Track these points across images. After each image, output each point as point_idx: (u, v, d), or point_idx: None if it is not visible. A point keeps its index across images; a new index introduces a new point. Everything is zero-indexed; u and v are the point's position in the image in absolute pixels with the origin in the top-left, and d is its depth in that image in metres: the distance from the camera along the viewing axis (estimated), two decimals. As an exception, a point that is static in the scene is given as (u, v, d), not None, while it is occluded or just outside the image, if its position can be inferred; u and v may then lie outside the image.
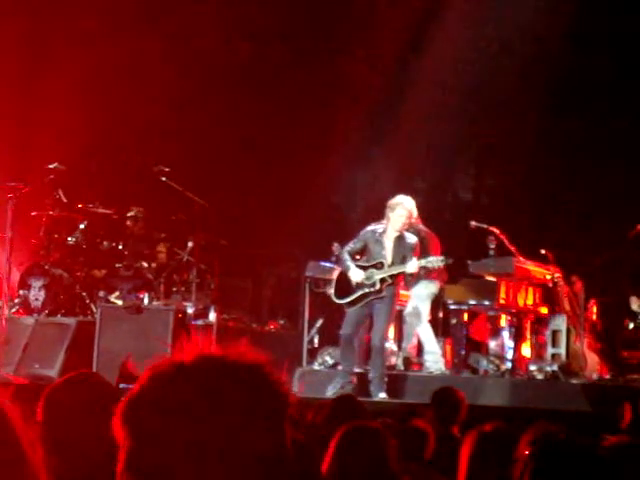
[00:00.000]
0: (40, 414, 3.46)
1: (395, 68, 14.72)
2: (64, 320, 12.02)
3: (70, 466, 3.36)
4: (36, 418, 3.46)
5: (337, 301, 11.20)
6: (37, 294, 12.35)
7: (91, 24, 14.49)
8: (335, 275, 11.34)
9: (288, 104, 14.66)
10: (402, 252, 10.82)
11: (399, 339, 11.92)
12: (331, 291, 11.31)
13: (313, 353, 12.26)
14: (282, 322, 13.45)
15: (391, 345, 11.82)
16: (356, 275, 10.87)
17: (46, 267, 12.53)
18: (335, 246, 12.27)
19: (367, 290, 10.85)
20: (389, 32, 14.56)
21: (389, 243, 10.90)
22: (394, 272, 10.80)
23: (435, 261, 10.81)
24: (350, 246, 11.10)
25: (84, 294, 12.50)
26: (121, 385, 9.39)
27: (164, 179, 12.67)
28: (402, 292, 11.43)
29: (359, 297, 10.87)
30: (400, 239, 10.87)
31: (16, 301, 12.29)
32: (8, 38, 14.62)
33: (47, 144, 13.80)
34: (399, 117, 14.46)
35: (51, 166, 12.51)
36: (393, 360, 11.75)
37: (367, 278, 10.84)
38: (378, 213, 11.68)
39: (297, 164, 14.34)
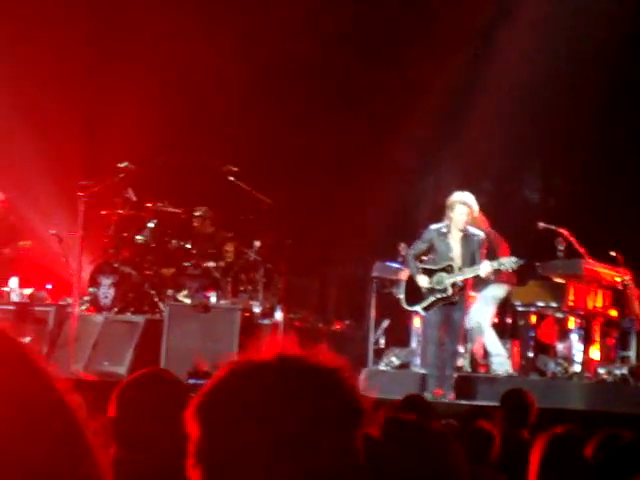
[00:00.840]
0: (112, 410, 3.51)
1: (462, 70, 14.64)
2: (133, 318, 12.15)
3: (141, 461, 3.40)
4: (107, 414, 3.51)
5: (409, 308, 11.09)
6: (106, 292, 12.49)
7: (166, 21, 14.60)
8: (403, 277, 11.28)
9: (354, 105, 14.67)
10: (470, 251, 10.64)
11: (464, 340, 11.86)
12: (401, 296, 11.16)
13: (379, 354, 12.24)
14: (348, 322, 13.45)
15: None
16: (424, 281, 10.72)
17: (115, 265, 12.66)
18: (402, 246, 12.24)
19: (439, 296, 10.65)
20: (457, 35, 14.50)
21: (455, 244, 10.71)
22: (466, 276, 10.67)
23: (508, 263, 10.62)
24: (415, 248, 10.96)
25: (152, 292, 12.61)
26: (190, 381, 9.47)
27: (232, 179, 12.75)
28: (469, 293, 11.36)
29: (432, 303, 10.74)
30: (466, 237, 10.69)
31: (86, 299, 12.44)
32: (80, 36, 14.81)
33: (117, 143, 13.95)
34: (465, 119, 14.39)
35: (121, 165, 12.63)
36: (459, 362, 11.69)
37: (437, 283, 10.65)
38: (442, 214, 11.64)
39: (363, 164, 14.33)
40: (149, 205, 13.15)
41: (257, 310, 12.31)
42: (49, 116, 14.16)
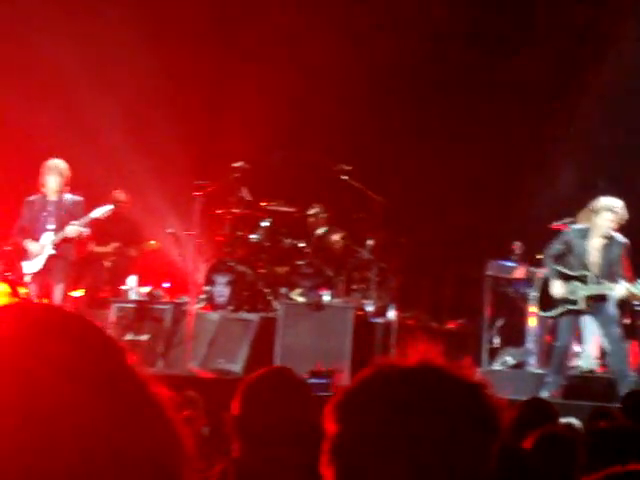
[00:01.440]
0: (236, 408, 3.55)
1: (575, 68, 14.42)
2: (247, 316, 12.26)
3: (264, 458, 3.44)
4: (231, 412, 3.55)
5: (542, 314, 10.90)
6: (222, 290, 12.64)
7: (285, 20, 14.71)
8: (518, 276, 11.15)
9: (467, 102, 14.56)
10: (610, 260, 10.18)
11: (579, 340, 11.67)
12: (535, 296, 10.92)
13: (493, 353, 12.13)
14: (462, 321, 13.36)
15: (574, 346, 11.60)
16: (558, 289, 10.39)
17: (230, 264, 12.80)
18: (516, 245, 12.11)
19: (569, 307, 10.38)
20: (567, 33, 14.30)
21: (594, 250, 10.26)
22: (600, 292, 10.23)
23: None
24: (553, 249, 10.51)
25: (267, 291, 12.72)
26: (311, 380, 9.51)
27: (345, 177, 12.78)
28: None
29: (562, 313, 10.55)
30: (608, 246, 10.20)
31: (202, 297, 12.60)
32: (198, 37, 15.02)
33: (232, 143, 14.11)
34: (580, 116, 14.16)
35: (236, 165, 12.77)
36: (576, 361, 11.52)
37: (570, 292, 10.34)
38: (558, 212, 11.48)
39: (475, 163, 14.21)
40: (263, 204, 13.27)
41: (370, 309, 12.32)
42: (167, 116, 14.39)
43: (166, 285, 13.47)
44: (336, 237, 13.18)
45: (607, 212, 10.09)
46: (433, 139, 14.58)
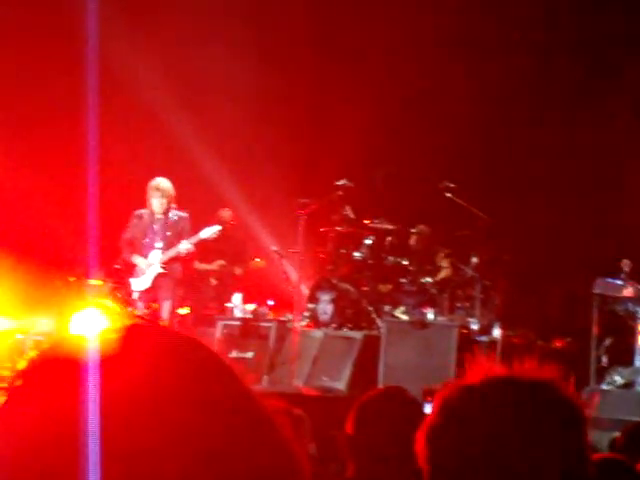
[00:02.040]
0: (350, 427, 3.53)
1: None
2: (351, 334, 12.26)
3: (378, 478, 3.42)
4: (345, 431, 3.54)
5: None
6: (325, 308, 12.67)
7: (384, 38, 14.71)
8: (628, 294, 10.94)
9: (574, 118, 14.37)
10: None
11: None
12: None
13: (601, 372, 11.91)
14: (568, 340, 13.15)
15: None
16: None
17: (334, 282, 12.83)
18: (624, 263, 11.88)
19: None
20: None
21: None
22: None
23: None
24: None
25: (370, 308, 12.71)
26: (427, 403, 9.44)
27: (449, 195, 12.72)
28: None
29: None
30: None
31: (306, 315, 12.65)
32: (297, 58, 15.12)
33: (335, 161, 14.16)
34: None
35: (339, 183, 12.81)
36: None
37: None
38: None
39: (582, 180, 14.01)
40: (366, 222, 13.27)
41: (475, 327, 12.22)
42: (270, 136, 14.52)
43: (270, 303, 13.56)
44: (444, 263, 13.11)
45: None
46: (539, 155, 14.42)
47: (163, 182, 11.73)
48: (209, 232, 11.78)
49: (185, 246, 11.60)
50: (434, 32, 14.63)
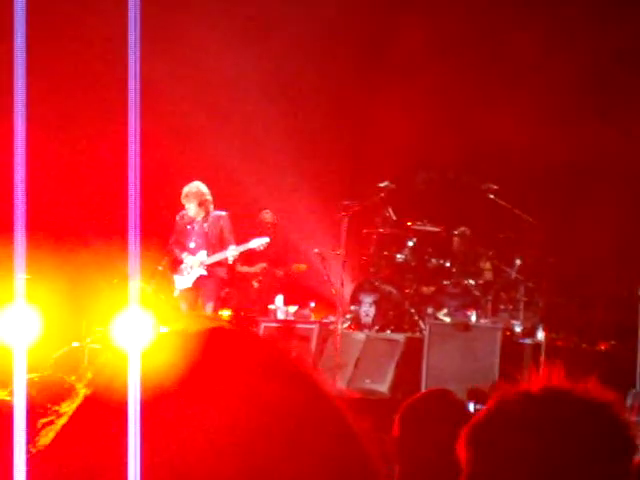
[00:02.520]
0: (396, 429, 3.52)
1: None
2: (393, 336, 12.23)
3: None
4: (392, 434, 3.53)
5: None
6: (368, 310, 12.65)
7: (427, 42, 14.67)
8: None
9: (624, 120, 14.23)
10: None
11: None
12: None
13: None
14: (613, 342, 13.03)
15: None
16: None
17: (376, 284, 12.81)
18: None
19: None
20: None
21: None
22: None
23: None
24: None
25: (412, 311, 12.67)
26: (470, 404, 9.39)
27: (492, 197, 12.66)
28: None
29: None
30: None
31: (348, 317, 12.64)
32: (344, 61, 15.13)
33: (378, 162, 14.14)
34: None
35: (382, 185, 12.80)
36: None
37: None
38: None
39: (626, 182, 13.88)
40: (409, 224, 13.24)
41: (518, 329, 12.14)
42: (314, 138, 14.53)
43: (312, 305, 13.56)
44: (487, 265, 13.05)
45: None
46: (585, 156, 14.29)
47: (193, 187, 11.80)
48: (258, 243, 11.86)
49: (232, 252, 11.68)
50: (473, 40, 14.56)
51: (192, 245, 11.82)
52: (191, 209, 11.77)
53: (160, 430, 1.10)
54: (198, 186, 11.84)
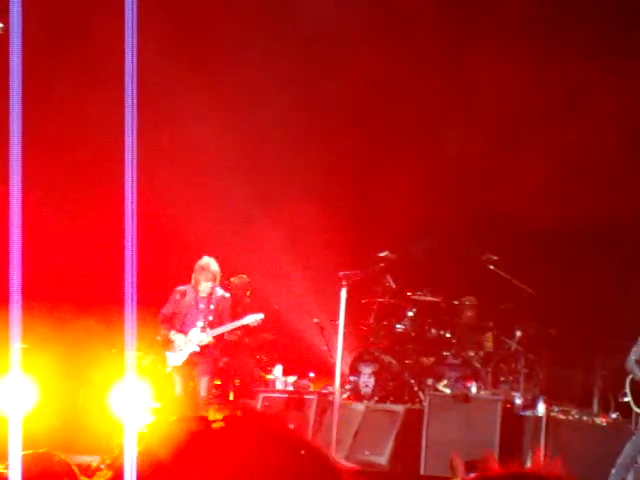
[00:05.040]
0: None
1: None
2: (393, 407, 12.14)
3: None
4: None
5: (636, 410, 10.81)
6: (367, 380, 12.57)
7: (424, 115, 14.74)
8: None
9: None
10: None
11: None
12: (628, 399, 10.92)
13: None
14: (614, 416, 12.92)
15: None
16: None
17: (376, 354, 12.74)
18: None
19: None
20: None
21: None
22: None
23: None
24: (636, 353, 10.68)
25: (412, 381, 12.58)
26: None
27: (492, 267, 12.65)
28: None
29: None
30: None
31: (347, 387, 12.55)
32: (340, 131, 15.21)
33: (378, 232, 14.15)
34: None
35: (382, 254, 12.79)
36: None
37: None
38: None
39: (620, 252, 13.89)
40: (409, 294, 13.21)
41: (518, 401, 12.06)
42: (312, 207, 14.55)
43: (311, 375, 13.47)
44: (488, 337, 13.03)
45: None
46: (582, 228, 14.31)
47: (213, 263, 11.68)
48: (252, 319, 11.73)
49: (227, 329, 11.56)
50: (473, 109, 14.67)
51: (191, 320, 11.69)
52: (203, 284, 11.63)
53: None
54: (214, 264, 11.72)
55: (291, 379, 12.79)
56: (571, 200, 14.42)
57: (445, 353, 12.87)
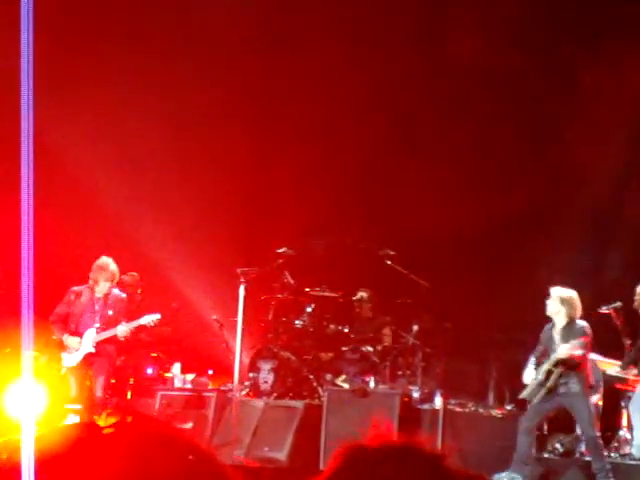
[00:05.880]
0: None
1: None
2: (292, 403, 12.17)
3: None
4: None
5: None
6: (266, 377, 12.57)
7: (321, 106, 14.79)
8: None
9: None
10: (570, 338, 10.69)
11: (630, 426, 11.44)
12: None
13: (542, 440, 11.91)
14: (509, 408, 13.15)
15: (625, 433, 11.38)
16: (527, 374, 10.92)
17: (275, 350, 12.75)
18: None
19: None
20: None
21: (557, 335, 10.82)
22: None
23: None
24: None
25: (311, 377, 12.63)
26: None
27: (389, 262, 12.76)
28: (632, 377, 11.07)
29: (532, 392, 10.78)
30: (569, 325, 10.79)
31: (246, 384, 12.53)
32: (235, 125, 15.17)
33: (275, 229, 14.16)
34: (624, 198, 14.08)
35: (280, 251, 12.79)
36: (627, 449, 11.28)
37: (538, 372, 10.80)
38: (605, 295, 11.40)
39: (517, 246, 14.14)
40: (307, 290, 13.25)
41: (416, 395, 12.19)
42: (209, 205, 14.49)
43: (210, 372, 13.42)
44: (386, 331, 13.15)
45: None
46: (478, 221, 14.52)
47: (112, 264, 11.54)
48: (148, 319, 11.59)
49: (123, 329, 11.40)
50: (374, 104, 14.77)
51: (87, 321, 11.52)
52: (101, 284, 11.49)
53: None
54: (113, 264, 11.57)
55: (190, 377, 12.72)
56: (464, 201, 14.65)
57: (343, 348, 12.94)
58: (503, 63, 14.44)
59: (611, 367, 11.60)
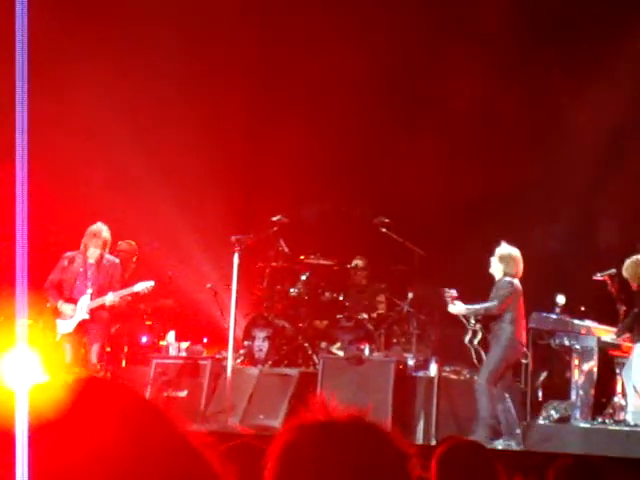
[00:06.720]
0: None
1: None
2: (287, 371, 12.17)
3: None
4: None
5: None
6: (261, 345, 12.57)
7: (316, 75, 14.72)
8: None
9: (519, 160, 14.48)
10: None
11: (624, 393, 11.46)
12: None
13: (537, 407, 11.94)
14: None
15: (619, 400, 11.40)
16: None
17: (269, 318, 12.75)
18: (558, 297, 11.96)
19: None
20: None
21: None
22: None
23: None
24: None
25: (306, 345, 12.63)
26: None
27: (384, 230, 12.72)
28: (627, 344, 11.09)
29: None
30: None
31: (241, 352, 12.53)
32: (236, 92, 15.11)
33: (270, 196, 14.12)
34: (624, 162, 14.04)
35: (274, 218, 12.75)
36: (622, 415, 11.31)
37: None
38: (598, 261, 11.38)
39: (510, 212, 14.12)
40: (302, 257, 13.23)
41: (411, 362, 12.19)
42: (204, 172, 14.44)
43: (205, 340, 13.42)
44: (381, 299, 13.15)
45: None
46: (467, 190, 14.49)
47: (105, 230, 11.48)
48: (142, 286, 11.55)
49: (111, 298, 11.36)
50: (369, 72, 14.70)
51: (80, 287, 11.49)
52: (92, 250, 11.43)
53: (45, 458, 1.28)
54: (106, 231, 11.50)
55: (184, 345, 12.70)
56: (460, 169, 14.62)
57: (338, 316, 12.94)
58: (502, 30, 14.38)
59: (606, 334, 11.61)
